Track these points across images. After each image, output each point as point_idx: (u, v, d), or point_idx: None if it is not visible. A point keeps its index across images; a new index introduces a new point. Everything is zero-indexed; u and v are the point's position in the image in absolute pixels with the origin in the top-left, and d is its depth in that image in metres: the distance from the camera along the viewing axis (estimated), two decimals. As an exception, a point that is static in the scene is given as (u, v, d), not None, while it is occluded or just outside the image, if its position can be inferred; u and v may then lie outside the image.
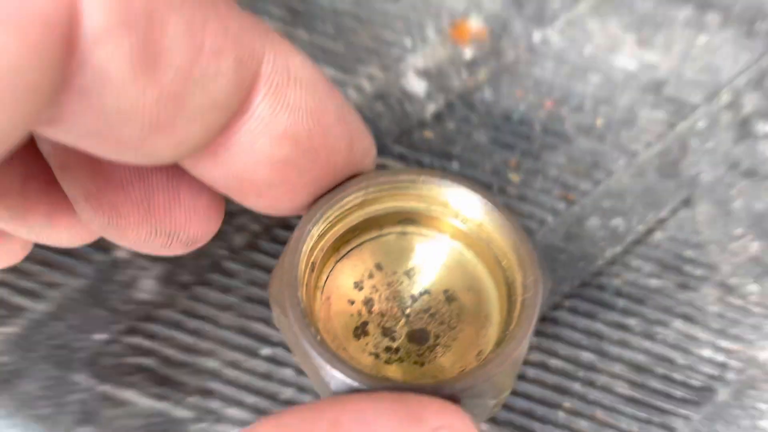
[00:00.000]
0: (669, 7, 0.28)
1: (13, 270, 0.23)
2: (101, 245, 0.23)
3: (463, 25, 0.27)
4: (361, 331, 0.18)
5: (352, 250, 0.18)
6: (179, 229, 0.17)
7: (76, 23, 0.11)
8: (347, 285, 0.18)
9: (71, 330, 0.22)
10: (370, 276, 0.18)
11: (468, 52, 0.27)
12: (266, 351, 0.22)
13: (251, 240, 0.24)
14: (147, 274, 0.23)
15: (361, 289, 0.18)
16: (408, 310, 0.18)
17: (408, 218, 0.19)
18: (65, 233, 0.18)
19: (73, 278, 0.23)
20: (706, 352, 0.23)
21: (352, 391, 0.15)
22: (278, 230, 0.24)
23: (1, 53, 0.10)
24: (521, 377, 0.22)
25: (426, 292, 0.18)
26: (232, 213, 0.24)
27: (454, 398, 0.15)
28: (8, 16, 0.10)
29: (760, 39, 0.27)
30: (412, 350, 0.18)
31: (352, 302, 0.18)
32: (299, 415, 0.13)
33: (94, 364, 0.22)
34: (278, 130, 0.15)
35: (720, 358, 0.23)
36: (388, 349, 0.18)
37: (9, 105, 0.10)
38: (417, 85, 0.26)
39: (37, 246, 0.19)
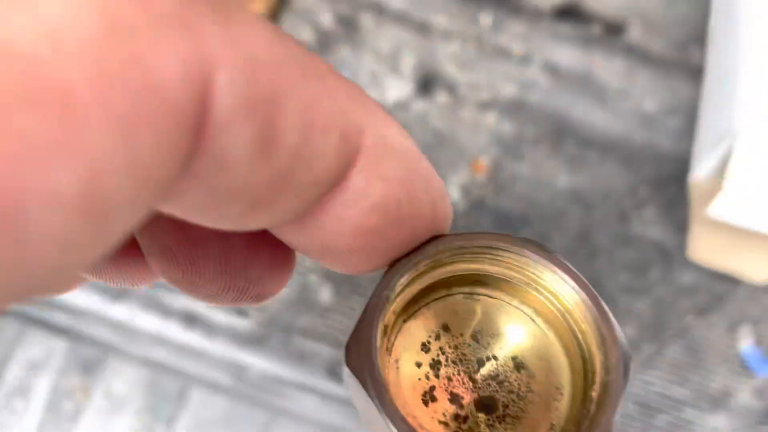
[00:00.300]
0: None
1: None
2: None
3: (477, 161, 0.49)
4: (429, 396, 0.17)
5: (420, 309, 0.18)
6: (252, 286, 0.17)
7: (208, 113, 0.10)
8: (415, 346, 0.18)
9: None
10: (437, 337, 0.18)
11: (480, 177, 0.48)
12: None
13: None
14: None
15: (428, 351, 0.18)
16: (476, 376, 0.17)
17: (479, 280, 0.18)
18: (128, 278, 0.18)
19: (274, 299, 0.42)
20: None
21: None
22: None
23: (133, 151, 0.09)
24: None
25: (494, 357, 0.18)
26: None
27: None
28: (142, 113, 0.09)
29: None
30: (480, 420, 0.17)
31: (419, 365, 0.17)
32: None
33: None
34: (370, 202, 0.14)
35: None
36: (456, 416, 0.17)
37: (135, 197, 0.10)
38: (454, 194, 0.47)
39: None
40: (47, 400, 0.62)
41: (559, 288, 0.17)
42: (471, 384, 0.17)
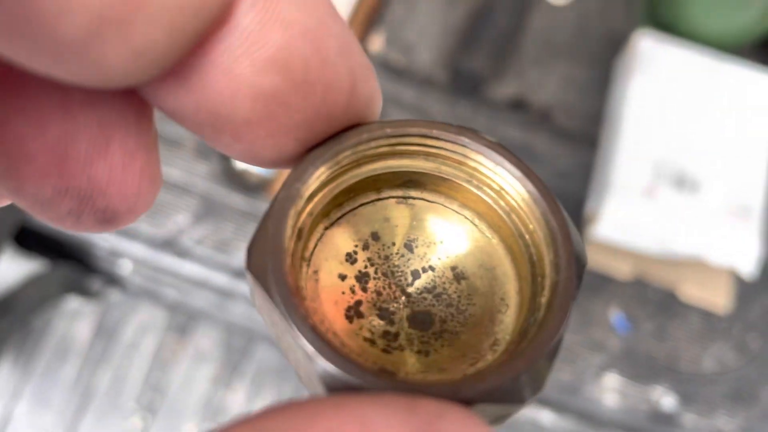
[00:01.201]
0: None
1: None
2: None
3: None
4: (354, 312, 0.15)
5: (344, 215, 0.15)
6: (97, 192, 0.13)
7: None
8: (338, 257, 0.15)
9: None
10: (365, 247, 0.15)
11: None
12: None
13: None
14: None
15: (354, 262, 0.15)
16: (409, 289, 0.15)
17: (412, 180, 0.16)
18: None
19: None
20: None
21: (348, 389, 0.12)
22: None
23: None
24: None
25: (430, 268, 0.15)
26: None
27: (470, 402, 0.12)
28: None
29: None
30: (414, 336, 0.15)
31: (344, 277, 0.15)
32: (284, 418, 0.10)
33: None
34: (266, 52, 0.12)
35: None
36: (385, 334, 0.15)
37: None
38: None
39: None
40: (153, 352, 0.89)
41: (504, 182, 0.15)
42: (404, 298, 0.15)
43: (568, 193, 0.77)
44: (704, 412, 0.71)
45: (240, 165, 0.73)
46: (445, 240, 0.16)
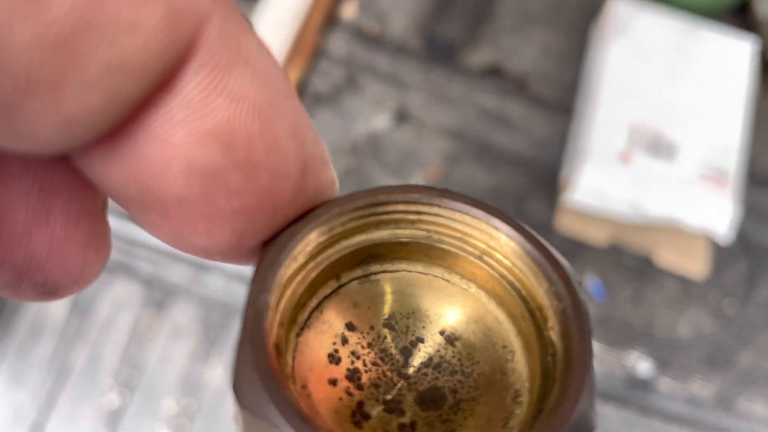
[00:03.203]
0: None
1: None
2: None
3: (431, 167, 0.76)
4: (360, 415, 0.13)
5: (311, 315, 0.14)
6: (35, 266, 0.12)
7: None
8: (321, 362, 0.14)
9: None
10: (344, 341, 0.14)
11: (431, 181, 0.75)
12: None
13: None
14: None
15: (338, 362, 0.14)
16: (406, 370, 0.14)
17: (371, 254, 0.14)
18: None
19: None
20: None
21: None
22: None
23: None
24: None
25: (418, 340, 0.14)
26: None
27: None
28: None
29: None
30: (432, 418, 0.13)
31: (335, 382, 0.13)
32: None
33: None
34: (207, 124, 0.10)
35: None
36: (401, 427, 0.13)
37: None
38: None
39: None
40: (130, 328, 0.88)
41: (466, 227, 0.14)
42: (403, 381, 0.14)
43: (544, 162, 0.76)
44: (680, 377, 0.71)
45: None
46: (421, 306, 0.15)
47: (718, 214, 0.69)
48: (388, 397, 0.14)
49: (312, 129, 0.12)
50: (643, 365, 0.71)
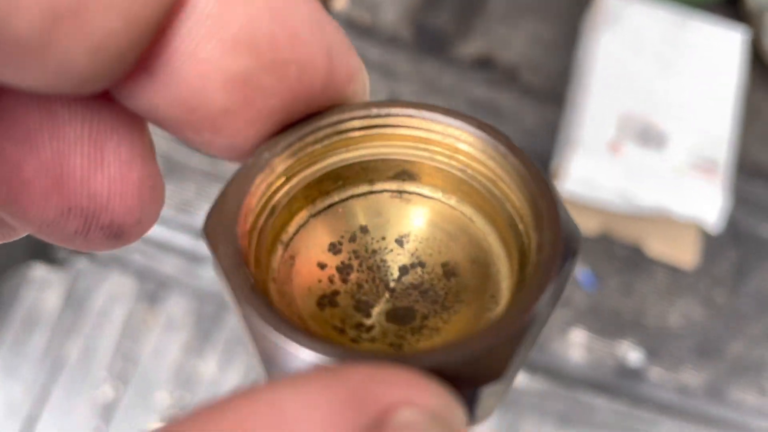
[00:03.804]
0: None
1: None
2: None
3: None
4: (328, 300, 0.14)
5: (333, 205, 0.15)
6: (100, 208, 0.13)
7: None
8: (320, 245, 0.14)
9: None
10: (352, 239, 0.14)
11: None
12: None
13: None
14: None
15: (337, 252, 0.14)
16: (393, 284, 0.14)
17: (406, 171, 0.15)
18: None
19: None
20: None
21: (279, 351, 0.11)
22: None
23: None
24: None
25: (420, 264, 0.14)
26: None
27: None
28: None
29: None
30: (389, 330, 0.14)
31: (323, 266, 0.14)
32: (194, 419, 0.09)
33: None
34: (229, 31, 0.11)
35: None
36: (359, 325, 0.14)
37: None
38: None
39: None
40: (123, 321, 0.88)
41: (496, 166, 0.14)
42: (387, 294, 0.14)
43: (535, 152, 0.76)
44: (670, 366, 0.71)
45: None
46: (439, 236, 0.15)
47: (708, 204, 0.69)
48: (365, 299, 0.14)
49: (329, 17, 0.12)
50: (633, 355, 0.71)
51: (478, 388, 0.11)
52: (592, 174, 0.70)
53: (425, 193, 0.15)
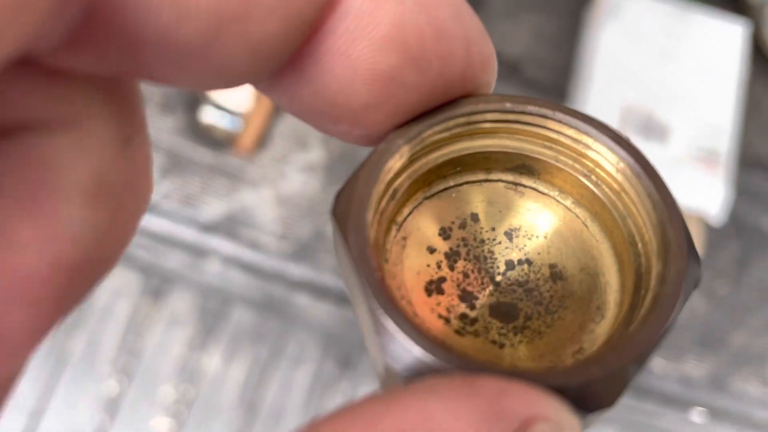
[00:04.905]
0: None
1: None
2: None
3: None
4: (435, 286, 0.14)
5: (447, 189, 0.15)
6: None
7: None
8: (431, 229, 0.14)
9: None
10: (462, 226, 0.14)
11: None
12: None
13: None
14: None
15: (447, 238, 0.14)
16: (499, 278, 0.14)
17: (526, 165, 0.14)
18: None
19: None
20: None
21: (413, 359, 0.11)
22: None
23: None
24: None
25: (527, 261, 0.14)
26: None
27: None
28: None
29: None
30: (492, 326, 0.14)
31: (433, 250, 0.14)
32: (353, 420, 0.09)
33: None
34: (382, 30, 0.11)
35: None
36: (463, 316, 0.14)
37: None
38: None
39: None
40: (128, 316, 0.89)
41: (626, 183, 0.13)
42: (492, 286, 0.14)
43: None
44: (673, 357, 0.71)
45: (206, 119, 0.72)
46: (549, 236, 0.15)
47: (710, 196, 0.69)
48: (470, 289, 0.14)
49: (467, 5, 0.12)
50: (636, 346, 0.71)
51: (588, 414, 0.11)
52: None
53: (541, 189, 0.15)
